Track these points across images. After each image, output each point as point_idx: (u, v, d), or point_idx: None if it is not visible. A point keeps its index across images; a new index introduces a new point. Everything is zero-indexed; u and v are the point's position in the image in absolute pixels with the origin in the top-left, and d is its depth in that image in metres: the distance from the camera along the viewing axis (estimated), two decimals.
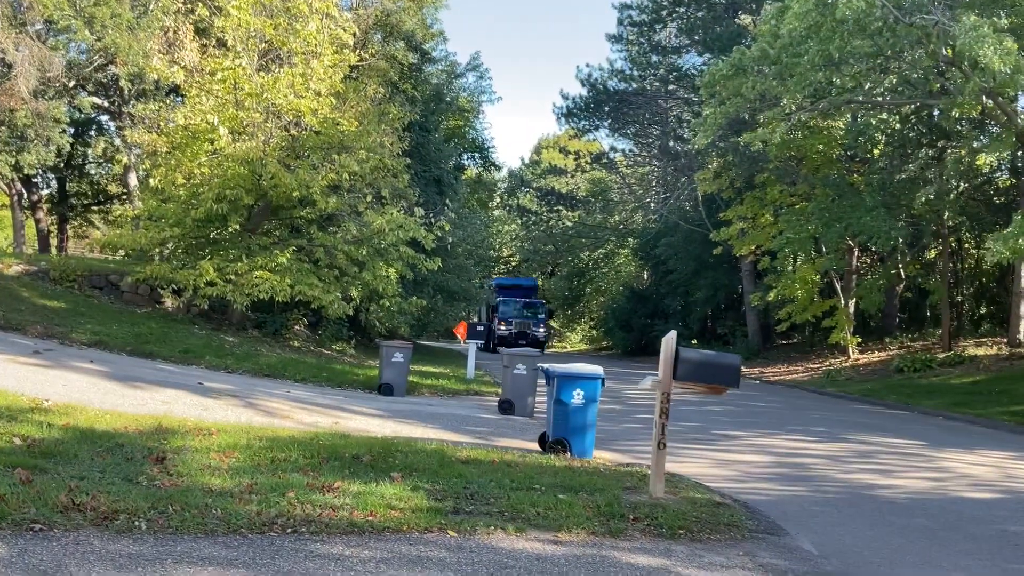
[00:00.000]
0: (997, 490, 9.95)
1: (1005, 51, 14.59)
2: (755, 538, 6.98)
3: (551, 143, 66.96)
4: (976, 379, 23.05)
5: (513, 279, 56.63)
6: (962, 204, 28.77)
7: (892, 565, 6.57)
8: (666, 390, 8.14)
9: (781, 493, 9.33)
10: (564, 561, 5.85)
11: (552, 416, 10.59)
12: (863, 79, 19.82)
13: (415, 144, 27.82)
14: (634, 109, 42.18)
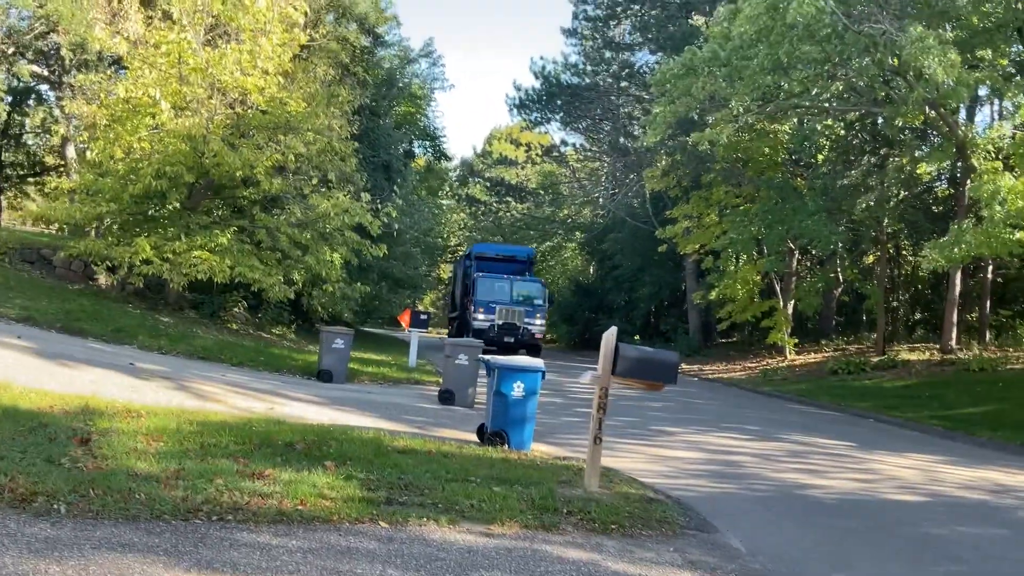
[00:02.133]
0: (923, 493, 10.19)
1: (949, 63, 14.92)
2: (686, 534, 7.03)
3: (503, 134, 66.88)
4: (908, 383, 23.61)
5: (500, 247, 39.89)
6: (901, 212, 29.43)
7: (818, 564, 6.67)
8: (605, 385, 8.16)
9: (713, 490, 9.42)
10: (495, 554, 5.81)
11: (492, 408, 10.56)
12: (810, 84, 20.12)
13: (365, 128, 27.51)
14: (586, 104, 42.28)
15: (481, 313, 31.22)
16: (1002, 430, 16.33)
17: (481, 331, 30.34)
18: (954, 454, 14.03)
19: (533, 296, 32.58)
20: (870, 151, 29.00)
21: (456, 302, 39.09)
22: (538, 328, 31.85)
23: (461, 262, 37.46)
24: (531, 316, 31.77)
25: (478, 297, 31.60)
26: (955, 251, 15.78)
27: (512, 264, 34.95)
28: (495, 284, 32.30)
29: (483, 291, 31.81)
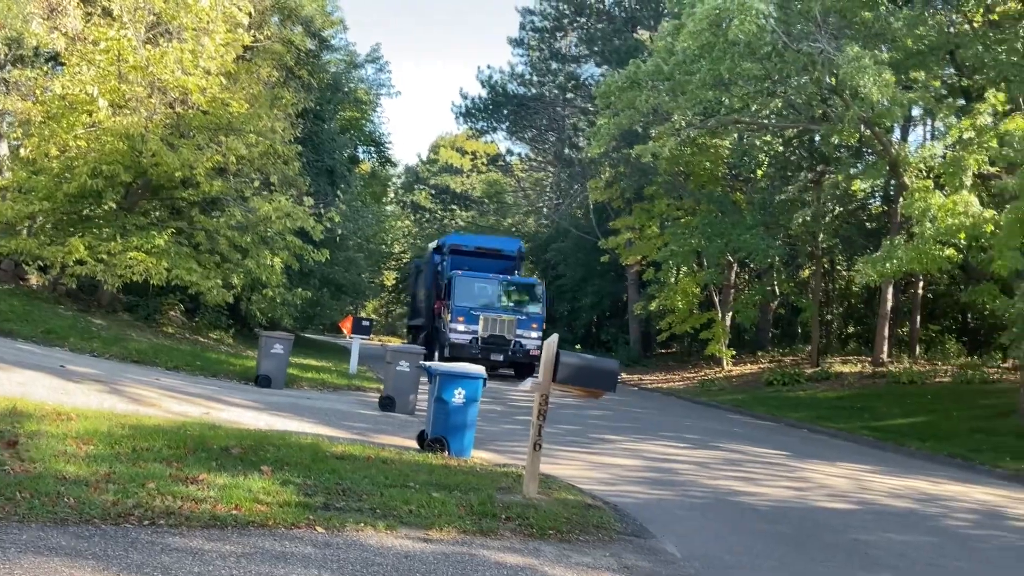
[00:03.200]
0: (852, 501, 10.44)
1: (884, 83, 15.38)
2: (622, 540, 7.09)
3: (448, 142, 66.85)
4: (840, 395, 24.18)
5: (481, 238, 33.32)
6: (836, 227, 30.19)
7: (751, 570, 6.79)
8: (545, 392, 8.20)
9: (650, 497, 9.54)
10: (432, 559, 5.80)
11: (432, 414, 10.53)
12: (750, 101, 20.55)
13: (309, 132, 27.27)
14: (532, 114, 42.52)
15: (460, 323, 24.52)
16: (930, 441, 16.82)
17: (460, 346, 24.24)
18: (884, 463, 14.41)
19: (529, 301, 25.89)
20: (807, 167, 29.70)
21: (418, 307, 32.35)
22: (534, 342, 24.34)
23: (428, 258, 29.92)
24: (525, 327, 24.85)
25: (457, 302, 24.64)
26: (887, 266, 16.23)
27: (496, 260, 27.69)
28: (479, 285, 25.63)
29: (463, 294, 24.94)
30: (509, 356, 24.92)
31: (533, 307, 25.88)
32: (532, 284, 27.23)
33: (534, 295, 26.32)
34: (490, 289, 25.74)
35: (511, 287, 26.31)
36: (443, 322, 25.54)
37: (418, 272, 33.79)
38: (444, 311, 25.66)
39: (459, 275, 25.53)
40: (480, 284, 25.78)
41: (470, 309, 24.76)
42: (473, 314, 24.68)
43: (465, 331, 24.52)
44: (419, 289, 32.93)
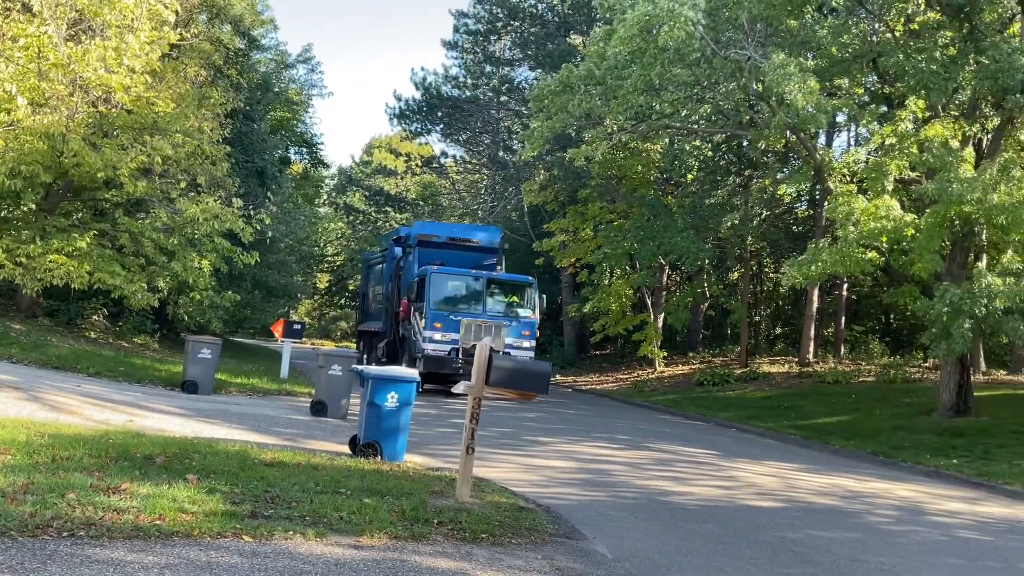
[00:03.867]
0: (780, 499, 10.66)
1: (808, 90, 15.76)
2: (555, 542, 7.12)
3: (382, 143, 66.39)
4: (768, 394, 24.70)
5: (455, 227, 28.71)
6: (764, 231, 30.85)
7: (681, 569, 6.88)
8: (478, 395, 8.19)
9: (583, 498, 9.59)
10: (363, 566, 5.74)
11: (364, 418, 10.43)
12: (680, 106, 20.87)
13: (238, 132, 26.78)
14: (467, 116, 42.47)
15: (438, 331, 20.44)
16: (854, 439, 17.28)
17: (439, 359, 20.42)
18: (810, 462, 14.75)
19: (519, 302, 21.77)
20: (735, 172, 30.29)
21: (371, 310, 28.14)
22: (527, 354, 20.61)
23: (388, 251, 25.51)
24: (516, 334, 20.85)
25: (433, 305, 20.70)
26: (812, 269, 16.62)
27: (474, 253, 23.63)
28: (459, 284, 21.60)
29: (440, 294, 20.98)
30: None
31: (525, 310, 21.57)
32: (524, 282, 22.38)
33: (526, 296, 22.00)
34: (473, 288, 21.45)
35: (498, 286, 22.03)
36: (414, 329, 21.26)
37: (370, 269, 29.04)
38: (417, 316, 21.16)
39: (434, 271, 21.06)
40: (460, 282, 21.60)
41: (449, 313, 20.66)
42: (452, 319, 20.48)
43: (443, 340, 20.34)
44: (371, 288, 28.74)
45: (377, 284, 27.48)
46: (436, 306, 20.91)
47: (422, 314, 21.04)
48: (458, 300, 21.35)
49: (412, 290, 21.69)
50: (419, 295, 21.33)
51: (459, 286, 21.71)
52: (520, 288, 22.33)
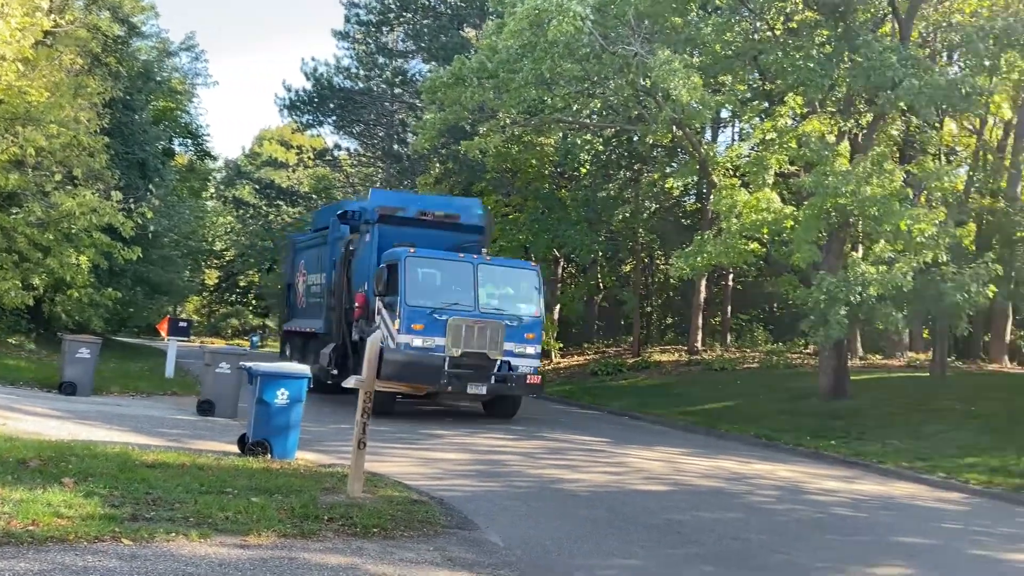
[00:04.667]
0: (667, 483, 10.97)
1: (692, 86, 16.20)
2: (447, 533, 7.15)
3: (273, 135, 64.86)
4: (659, 382, 25.35)
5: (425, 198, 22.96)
6: (654, 223, 31.57)
7: (571, 555, 7.00)
8: (369, 389, 8.13)
9: (477, 489, 9.65)
10: (249, 565, 5.64)
11: (253, 416, 10.22)
12: (571, 101, 21.13)
13: (117, 123, 25.71)
14: (360, 108, 41.88)
15: (417, 334, 15.57)
16: (739, 423, 17.91)
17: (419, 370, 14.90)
18: (697, 446, 15.22)
19: (520, 296, 16.96)
20: (626, 166, 30.88)
21: (301, 306, 22.47)
22: (531, 362, 16.43)
23: (331, 230, 20.07)
24: (518, 337, 16.17)
25: (409, 301, 15.76)
26: (698, 260, 17.12)
27: (452, 232, 18.14)
28: (444, 272, 16.73)
29: (418, 286, 16.05)
30: (494, 385, 15.89)
31: (528, 305, 16.68)
32: (525, 269, 17.75)
33: (528, 287, 16.99)
34: (462, 278, 16.33)
35: (494, 275, 16.88)
36: (384, 331, 15.86)
37: (299, 254, 23.34)
38: (386, 315, 16.21)
39: (411, 255, 16.01)
40: (446, 270, 16.64)
41: (432, 311, 15.63)
42: (437, 319, 15.59)
43: (425, 346, 15.45)
44: (302, 278, 22.66)
45: (313, 273, 21.48)
46: (414, 302, 15.62)
47: (395, 312, 15.80)
48: (442, 294, 16.15)
49: (380, 281, 16.07)
50: (389, 287, 15.92)
51: (444, 275, 16.59)
52: (522, 276, 17.31)
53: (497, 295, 16.77)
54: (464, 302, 16.06)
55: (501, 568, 6.24)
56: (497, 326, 15.88)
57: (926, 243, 16.10)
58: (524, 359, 16.17)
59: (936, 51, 22.10)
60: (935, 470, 13.09)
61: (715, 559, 7.22)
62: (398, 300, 15.79)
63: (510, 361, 15.91)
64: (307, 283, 22.31)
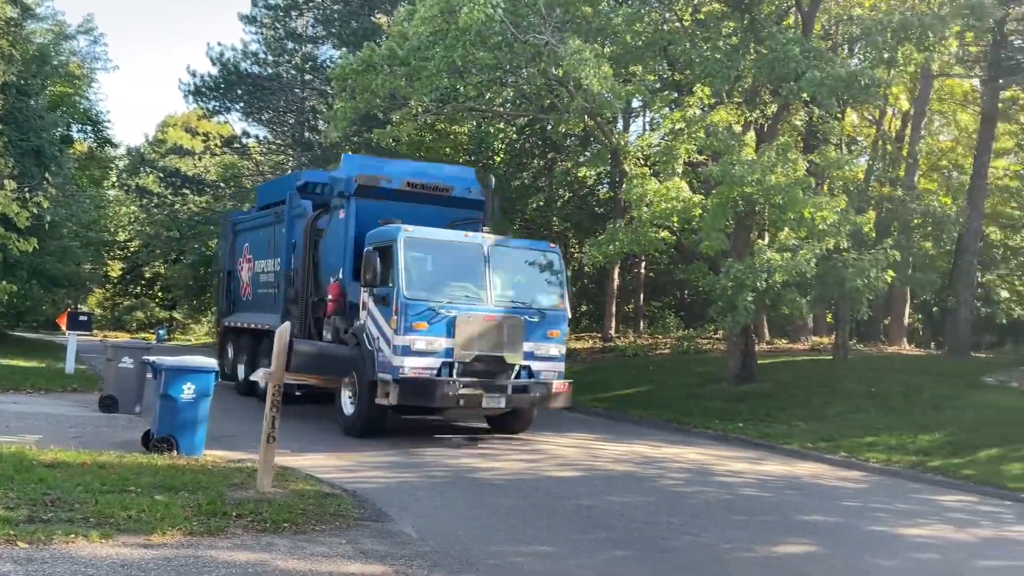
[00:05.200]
0: (581, 468, 11.09)
1: (603, 75, 16.31)
2: (360, 525, 7.09)
3: (178, 122, 62.95)
4: (575, 370, 25.37)
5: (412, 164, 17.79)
6: (568, 212, 31.82)
7: (485, 543, 7.00)
8: (278, 382, 7.98)
9: (392, 480, 9.59)
10: (153, 565, 5.48)
11: (159, 412, 9.94)
12: (485, 89, 21.05)
13: (11, 108, 24.56)
14: (268, 95, 40.98)
15: (420, 334, 12.41)
16: (652, 408, 18.23)
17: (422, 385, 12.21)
18: (611, 432, 15.44)
19: (542, 285, 13.84)
20: (539, 155, 31.01)
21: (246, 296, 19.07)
22: (555, 365, 13.45)
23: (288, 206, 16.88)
24: (539, 335, 13.20)
25: (408, 292, 12.55)
26: (610, 248, 17.30)
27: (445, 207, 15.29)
28: (449, 256, 13.56)
29: (420, 274, 13.01)
30: (513, 396, 12.70)
31: (550, 296, 13.72)
32: (545, 251, 14.13)
33: (549, 273, 13.93)
34: (471, 263, 13.23)
35: (509, 258, 13.71)
36: (369, 332, 12.93)
37: (240, 236, 19.97)
38: (374, 311, 12.93)
39: (409, 235, 12.84)
40: (452, 253, 13.47)
41: (436, 305, 12.49)
42: (443, 315, 12.46)
43: (429, 349, 12.33)
44: (245, 264, 19.20)
45: (263, 258, 18.08)
46: (415, 294, 12.44)
47: (390, 308, 12.47)
48: (447, 283, 13.01)
49: (368, 268, 12.67)
50: (379, 276, 12.69)
51: (448, 260, 13.42)
52: (541, 261, 13.92)
53: (513, 284, 13.56)
54: (474, 293, 12.89)
55: (414, 559, 6.22)
56: (515, 322, 12.73)
57: (828, 230, 16.59)
58: (547, 362, 13.13)
59: (838, 43, 22.80)
60: (837, 450, 13.57)
61: (625, 543, 7.33)
62: (393, 292, 12.36)
63: (531, 365, 12.86)
64: (254, 271, 18.69)
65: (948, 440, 13.47)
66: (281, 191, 17.68)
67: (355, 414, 12.86)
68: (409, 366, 12.13)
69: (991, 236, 30.63)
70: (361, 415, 12.71)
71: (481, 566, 6.25)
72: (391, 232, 13.02)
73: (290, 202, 16.64)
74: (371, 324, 12.93)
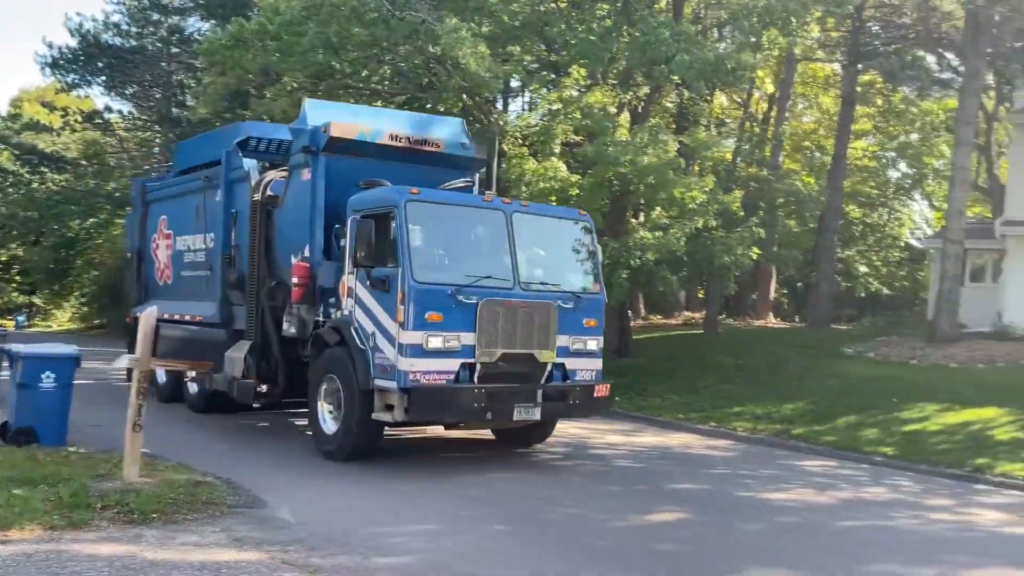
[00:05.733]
0: (462, 448, 11.19)
1: (480, 55, 16.31)
2: (235, 513, 6.96)
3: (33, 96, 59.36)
4: None
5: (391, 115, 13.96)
6: None
7: (364, 525, 6.96)
8: (144, 369, 7.71)
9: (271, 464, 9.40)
10: (12, 562, 5.24)
11: (16, 402, 9.43)
12: (361, 66, 20.75)
13: None
14: (132, 68, 39.17)
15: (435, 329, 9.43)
16: None
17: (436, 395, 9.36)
18: None
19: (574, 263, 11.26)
20: None
21: (164, 279, 15.54)
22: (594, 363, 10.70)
23: (225, 167, 13.02)
24: (574, 325, 10.42)
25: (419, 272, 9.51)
26: None
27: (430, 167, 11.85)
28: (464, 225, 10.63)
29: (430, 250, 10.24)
30: (549, 405, 10.01)
31: (584, 275, 11.04)
32: (576, 220, 11.44)
33: (581, 248, 11.28)
34: (489, 234, 10.58)
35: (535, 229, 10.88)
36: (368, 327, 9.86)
37: (152, 206, 16.26)
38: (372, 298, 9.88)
39: (414, 200, 9.93)
40: (465, 223, 10.66)
41: (453, 290, 9.63)
42: (463, 301, 9.67)
43: (447, 348, 9.58)
44: (163, 242, 15.57)
45: (187, 233, 14.64)
46: (427, 276, 9.59)
47: (392, 295, 9.56)
48: (466, 262, 10.25)
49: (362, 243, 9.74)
50: (375, 253, 9.75)
51: (466, 231, 10.63)
52: (571, 232, 11.23)
53: (541, 261, 10.91)
54: (498, 274, 9.97)
55: (291, 544, 6.15)
56: (547, 310, 10.03)
57: (697, 209, 17.18)
58: (584, 359, 10.41)
59: (707, 27, 23.50)
60: (708, 420, 14.15)
61: (505, 519, 7.45)
62: (398, 275, 9.40)
63: (565, 364, 10.18)
64: (176, 249, 14.98)
65: (810, 408, 14.23)
66: (211, 149, 13.93)
67: (340, 432, 9.69)
68: (422, 370, 9.22)
69: (851, 214, 32.38)
70: (349, 433, 9.53)
71: (361, 548, 6.23)
72: (391, 196, 9.90)
73: (228, 162, 12.94)
74: (363, 316, 9.80)
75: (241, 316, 12.07)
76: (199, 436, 11.03)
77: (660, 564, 6.27)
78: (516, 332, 9.77)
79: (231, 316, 12.46)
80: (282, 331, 11.15)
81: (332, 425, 9.85)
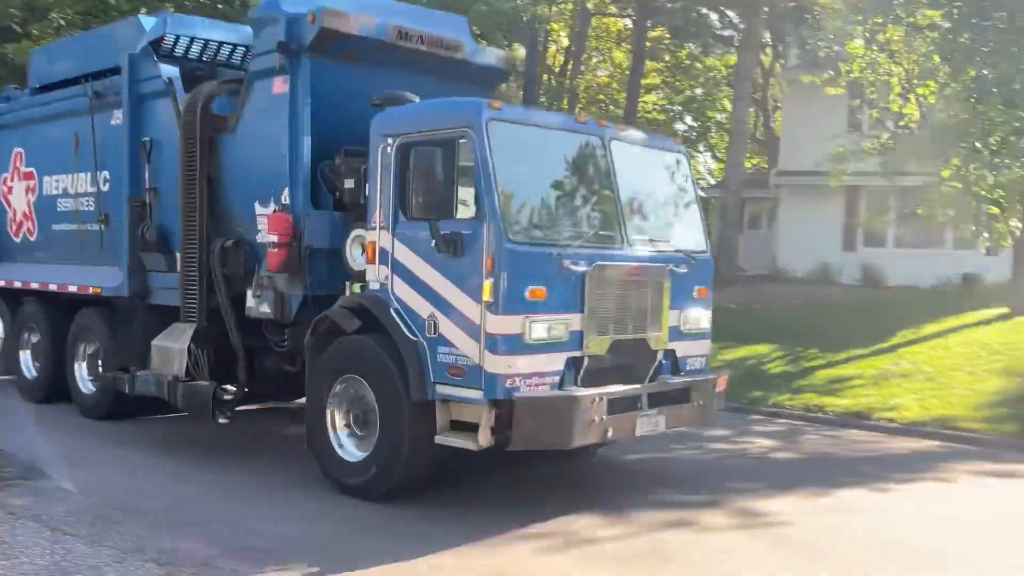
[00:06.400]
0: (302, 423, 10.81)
1: None
2: (9, 486, 6.55)
3: None
4: None
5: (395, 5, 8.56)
6: None
7: (154, 493, 6.65)
8: None
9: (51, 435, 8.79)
10: None
11: None
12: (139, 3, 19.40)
13: None
14: None
15: (541, 315, 6.15)
16: None
17: (544, 413, 6.11)
18: None
19: (677, 212, 7.84)
20: None
21: (27, 235, 10.92)
22: (704, 345, 7.62)
23: (132, 75, 8.86)
24: (684, 297, 7.21)
25: (514, 228, 6.16)
26: None
27: (446, 77, 8.03)
28: (555, 161, 6.81)
29: (524, 197, 6.51)
30: (673, 411, 6.97)
31: (688, 229, 7.83)
32: (674, 152, 7.92)
33: (683, 190, 7.93)
34: (590, 171, 7.07)
35: (635, 165, 7.33)
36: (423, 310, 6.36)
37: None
38: (436, 270, 6.37)
39: (499, 116, 6.38)
40: (564, 152, 6.90)
41: (560, 255, 6.27)
42: (569, 268, 6.28)
43: (550, 339, 6.21)
44: (19, 182, 11.09)
45: (60, 172, 10.34)
46: (526, 234, 6.33)
47: (472, 259, 6.17)
48: (557, 212, 6.84)
49: (419, 182, 6.33)
50: (437, 199, 6.31)
51: (560, 167, 6.94)
52: (671, 169, 7.92)
53: (645, 209, 7.49)
54: (603, 228, 7.02)
55: (72, 515, 5.84)
56: (661, 277, 7.06)
57: None
58: (696, 341, 7.54)
59: None
60: None
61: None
62: (482, 232, 6.13)
63: (675, 350, 7.28)
64: (41, 193, 10.68)
65: None
66: (99, 55, 9.75)
67: (372, 460, 6.57)
68: (523, 372, 6.13)
69: None
70: (392, 462, 6.45)
71: (149, 515, 5.98)
72: (464, 111, 6.46)
73: (133, 70, 8.98)
74: (409, 292, 6.52)
75: (163, 288, 8.70)
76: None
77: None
78: (628, 310, 6.79)
79: (147, 288, 8.93)
80: (246, 310, 7.67)
81: (354, 449, 6.77)
